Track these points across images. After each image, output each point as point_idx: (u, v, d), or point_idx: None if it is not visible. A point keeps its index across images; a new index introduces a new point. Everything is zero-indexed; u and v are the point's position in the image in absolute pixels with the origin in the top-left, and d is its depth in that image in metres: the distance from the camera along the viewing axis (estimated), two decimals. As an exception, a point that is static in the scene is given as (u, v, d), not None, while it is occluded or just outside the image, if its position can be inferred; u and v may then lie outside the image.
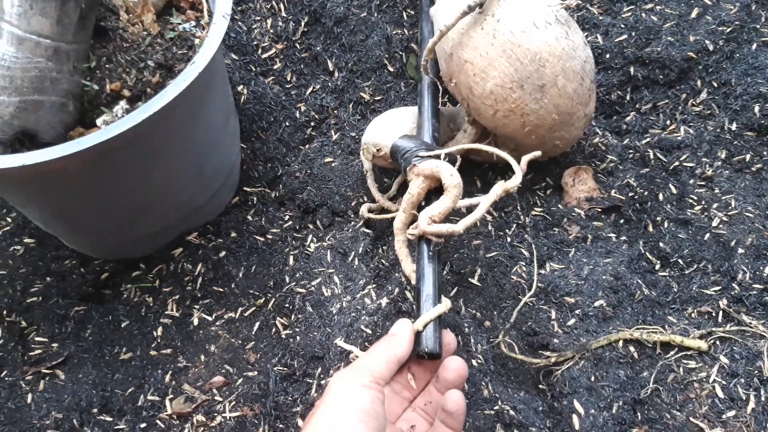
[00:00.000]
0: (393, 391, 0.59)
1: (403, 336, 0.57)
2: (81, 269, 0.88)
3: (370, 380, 0.51)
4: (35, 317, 0.83)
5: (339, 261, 0.84)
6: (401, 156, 0.75)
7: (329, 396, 0.51)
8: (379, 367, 0.53)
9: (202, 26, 0.78)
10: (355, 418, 0.48)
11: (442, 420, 0.57)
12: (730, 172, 0.90)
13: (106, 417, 0.74)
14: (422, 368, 0.60)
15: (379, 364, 0.54)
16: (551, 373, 0.73)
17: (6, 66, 0.63)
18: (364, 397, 0.50)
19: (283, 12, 1.04)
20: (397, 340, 0.56)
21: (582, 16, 1.00)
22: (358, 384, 0.51)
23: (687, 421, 0.67)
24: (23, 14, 0.62)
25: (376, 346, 0.57)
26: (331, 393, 0.51)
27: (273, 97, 0.99)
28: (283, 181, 0.94)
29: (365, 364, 0.54)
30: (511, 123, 0.76)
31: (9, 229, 0.92)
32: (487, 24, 0.72)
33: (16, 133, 0.67)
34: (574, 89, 0.74)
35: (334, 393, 0.51)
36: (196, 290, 0.83)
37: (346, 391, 0.50)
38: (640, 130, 0.96)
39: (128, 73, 0.72)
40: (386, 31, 1.01)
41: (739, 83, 0.94)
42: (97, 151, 0.61)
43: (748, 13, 0.96)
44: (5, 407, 0.75)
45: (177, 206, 0.82)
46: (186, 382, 0.76)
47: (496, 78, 0.73)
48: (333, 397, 0.50)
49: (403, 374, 0.60)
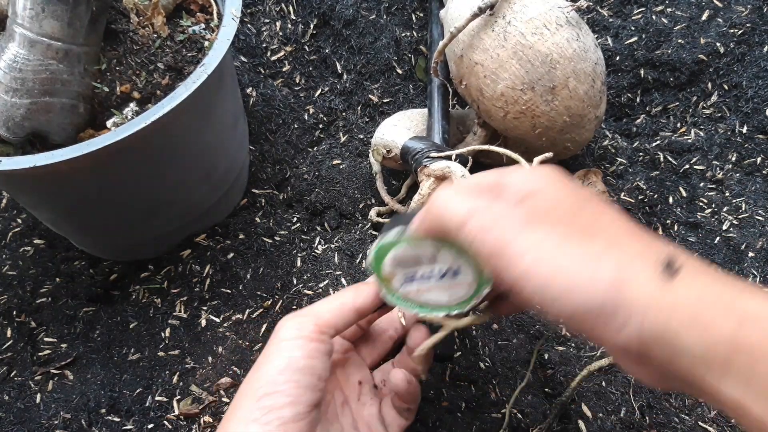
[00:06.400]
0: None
1: (370, 285, 0.51)
2: (90, 270, 0.88)
3: (312, 329, 0.47)
4: (44, 318, 0.83)
5: (346, 263, 0.84)
6: (412, 157, 0.75)
7: (268, 345, 0.47)
8: (328, 314, 0.48)
9: (212, 29, 0.79)
10: (283, 376, 0.44)
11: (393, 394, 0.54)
12: (740, 175, 0.90)
13: (114, 417, 0.74)
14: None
15: (330, 310, 0.49)
16: (559, 376, 0.73)
17: (18, 68, 0.64)
18: (298, 351, 0.46)
19: (292, 14, 1.04)
20: (360, 288, 0.51)
21: (592, 18, 1.00)
22: (296, 333, 0.47)
23: (696, 425, 0.67)
24: (35, 17, 0.62)
25: (338, 292, 0.51)
26: (270, 341, 0.47)
27: (282, 100, 0.99)
28: (291, 183, 0.94)
29: (314, 309, 0.49)
30: (521, 125, 0.76)
31: (19, 230, 0.93)
32: (497, 26, 0.72)
33: (27, 134, 0.68)
34: (585, 91, 0.73)
35: (271, 342, 0.47)
36: (204, 292, 0.84)
37: (283, 344, 0.46)
38: (650, 132, 0.95)
39: (138, 76, 0.72)
40: (395, 34, 1.01)
41: (750, 86, 0.93)
42: (108, 152, 0.61)
43: (760, 15, 0.96)
44: (14, 407, 0.75)
45: (186, 208, 0.82)
46: (193, 383, 0.76)
47: (506, 80, 0.72)
48: (268, 348, 0.47)
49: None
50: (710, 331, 0.29)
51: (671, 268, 0.32)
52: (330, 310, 0.49)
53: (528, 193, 0.39)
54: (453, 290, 0.47)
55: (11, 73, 0.64)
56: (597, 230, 0.36)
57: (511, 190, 0.40)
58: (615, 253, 0.34)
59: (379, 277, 0.48)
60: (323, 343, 0.47)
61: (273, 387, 0.44)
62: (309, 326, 0.47)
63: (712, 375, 0.29)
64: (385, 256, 0.47)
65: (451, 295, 0.47)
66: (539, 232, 0.35)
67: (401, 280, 0.48)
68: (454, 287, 0.47)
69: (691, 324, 0.30)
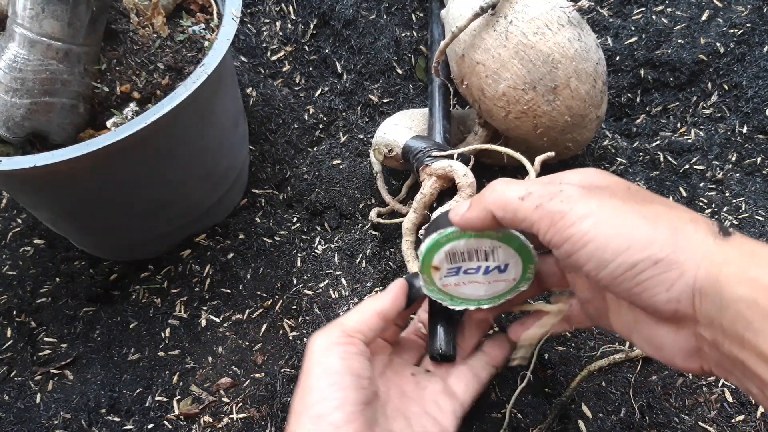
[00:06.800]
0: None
1: (390, 291, 0.53)
2: (90, 270, 0.88)
3: (339, 335, 0.48)
4: (44, 318, 0.83)
5: (346, 263, 0.84)
6: (413, 156, 0.75)
7: (303, 362, 0.48)
8: (352, 321, 0.50)
9: (212, 29, 0.78)
10: (324, 382, 0.45)
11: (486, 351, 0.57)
12: (740, 175, 0.90)
13: (114, 417, 0.74)
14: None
15: (353, 317, 0.50)
16: (559, 376, 0.73)
17: (18, 68, 0.64)
18: (332, 356, 0.47)
19: (292, 14, 1.04)
20: (381, 295, 0.53)
21: (592, 18, 1.00)
22: (325, 343, 0.48)
23: (696, 426, 0.67)
24: (35, 17, 0.62)
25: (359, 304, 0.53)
26: (305, 359, 0.48)
27: (282, 100, 0.99)
28: (291, 183, 0.94)
29: (339, 319, 0.51)
30: (523, 125, 0.75)
31: (19, 230, 0.92)
32: (499, 26, 0.72)
33: (28, 134, 0.68)
34: (586, 91, 0.73)
35: (306, 358, 0.48)
36: (204, 292, 0.84)
37: (316, 355, 0.48)
38: (650, 132, 0.95)
39: (138, 76, 0.72)
40: (395, 34, 1.01)
41: (750, 86, 0.93)
42: (108, 152, 0.61)
43: (760, 15, 0.96)
44: (14, 407, 0.75)
45: (186, 208, 0.82)
46: (193, 383, 0.76)
47: (508, 80, 0.72)
48: (304, 365, 0.48)
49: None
50: (760, 283, 0.31)
51: (725, 231, 0.35)
52: (353, 317, 0.51)
53: (581, 178, 0.41)
54: (492, 285, 0.50)
55: (11, 73, 0.64)
56: (651, 201, 0.38)
57: (565, 178, 0.42)
58: (671, 215, 0.36)
59: (426, 267, 0.50)
60: (354, 345, 0.48)
61: (318, 395, 0.45)
62: (336, 333, 0.49)
63: (753, 329, 0.30)
64: (441, 247, 0.48)
65: (488, 290, 0.51)
66: (597, 200, 0.37)
67: (444, 273, 0.50)
68: (494, 283, 0.50)
69: (742, 278, 0.31)
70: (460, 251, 0.48)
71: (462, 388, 0.56)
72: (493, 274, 0.49)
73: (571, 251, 0.38)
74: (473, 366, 0.58)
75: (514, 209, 0.41)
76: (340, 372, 0.46)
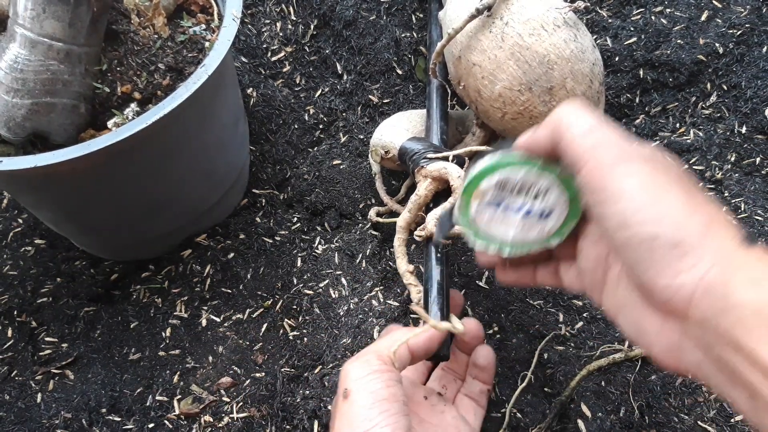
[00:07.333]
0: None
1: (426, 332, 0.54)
2: (91, 270, 0.88)
3: (378, 363, 0.49)
4: (45, 317, 0.84)
5: (346, 263, 0.84)
6: (409, 158, 0.75)
7: (340, 389, 0.49)
8: (386, 349, 0.51)
9: (212, 29, 0.79)
10: (375, 410, 0.46)
11: (474, 376, 0.59)
12: (739, 175, 0.90)
13: (115, 417, 0.74)
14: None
15: (386, 344, 0.51)
16: (558, 376, 0.73)
17: (19, 69, 0.64)
18: (377, 383, 0.47)
19: (292, 15, 1.05)
20: (417, 332, 0.54)
21: (591, 19, 1.00)
22: (367, 370, 0.48)
23: (695, 425, 0.67)
24: (36, 17, 0.62)
25: (391, 333, 0.54)
26: (341, 385, 0.49)
27: (282, 100, 0.99)
28: (291, 183, 0.95)
29: (371, 347, 0.52)
30: (519, 126, 0.76)
31: (20, 230, 0.93)
32: (495, 27, 0.72)
33: (29, 134, 0.68)
34: (582, 92, 0.73)
35: (344, 385, 0.49)
36: (205, 291, 0.84)
37: (359, 383, 0.48)
38: (649, 133, 0.95)
39: (139, 76, 0.73)
40: (395, 34, 1.01)
41: (749, 86, 0.93)
42: (108, 152, 0.61)
43: (759, 15, 0.96)
44: (15, 407, 0.75)
45: (187, 208, 0.82)
46: (194, 382, 0.76)
47: (504, 81, 0.73)
48: (345, 391, 0.48)
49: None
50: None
51: (750, 239, 0.35)
52: (385, 344, 0.51)
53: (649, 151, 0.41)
54: (524, 230, 0.48)
55: (12, 74, 0.64)
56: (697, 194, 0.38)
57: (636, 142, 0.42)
58: (709, 211, 0.37)
59: (470, 189, 0.47)
60: (393, 372, 0.49)
61: (369, 423, 0.45)
62: (375, 361, 0.49)
63: (754, 336, 0.31)
64: (497, 170, 0.46)
65: (517, 234, 0.48)
66: (652, 167, 0.38)
67: (485, 202, 0.48)
68: (528, 228, 0.48)
69: (754, 284, 0.32)
70: (514, 181, 0.46)
71: (471, 417, 0.61)
72: (532, 219, 0.47)
73: (603, 200, 0.38)
74: (472, 391, 0.63)
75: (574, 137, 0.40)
76: (388, 399, 0.47)
